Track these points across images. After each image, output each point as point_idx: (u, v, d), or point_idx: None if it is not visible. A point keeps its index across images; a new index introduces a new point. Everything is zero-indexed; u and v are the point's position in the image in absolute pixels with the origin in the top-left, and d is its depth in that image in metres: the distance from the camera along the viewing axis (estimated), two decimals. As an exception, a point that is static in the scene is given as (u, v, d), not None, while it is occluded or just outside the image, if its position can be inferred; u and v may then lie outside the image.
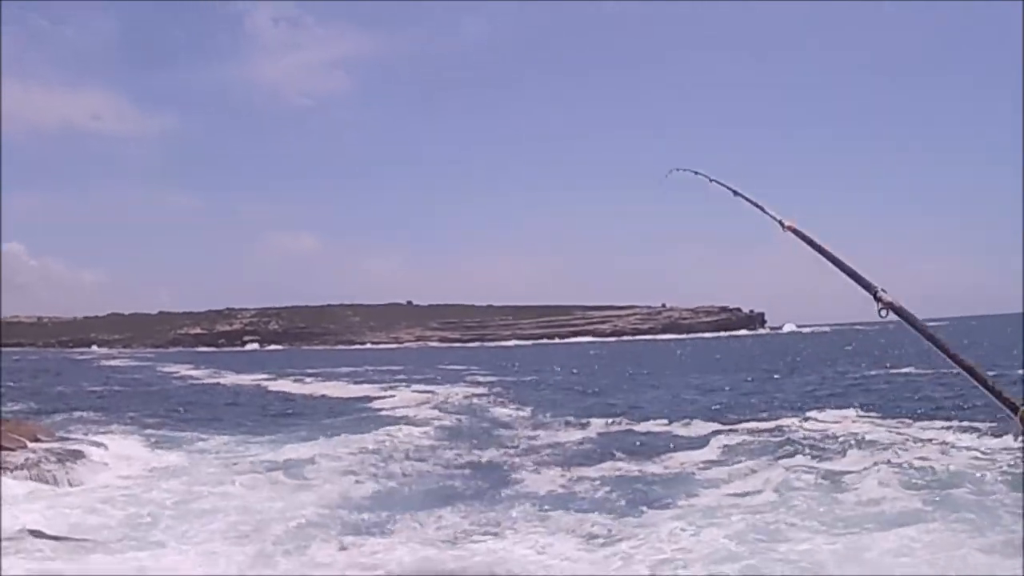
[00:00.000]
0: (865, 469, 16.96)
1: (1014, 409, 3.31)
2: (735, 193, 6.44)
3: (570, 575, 11.55)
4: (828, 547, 11.85)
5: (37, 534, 12.86)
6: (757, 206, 5.85)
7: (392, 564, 11.88)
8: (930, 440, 20.38)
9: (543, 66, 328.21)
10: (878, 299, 4.04)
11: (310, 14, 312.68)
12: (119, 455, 20.97)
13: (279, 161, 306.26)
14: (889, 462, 17.47)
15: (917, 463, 17.23)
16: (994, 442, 19.01)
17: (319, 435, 24.40)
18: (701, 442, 22.39)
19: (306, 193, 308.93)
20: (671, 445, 22.12)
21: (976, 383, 3.51)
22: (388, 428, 26.12)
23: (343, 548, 12.72)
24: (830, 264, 4.61)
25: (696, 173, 7.55)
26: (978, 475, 15.74)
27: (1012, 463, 16.57)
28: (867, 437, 21.01)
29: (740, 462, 18.91)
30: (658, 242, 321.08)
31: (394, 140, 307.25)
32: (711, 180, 7.10)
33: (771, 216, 5.43)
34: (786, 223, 5.19)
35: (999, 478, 15.35)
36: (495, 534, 13.48)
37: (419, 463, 20.34)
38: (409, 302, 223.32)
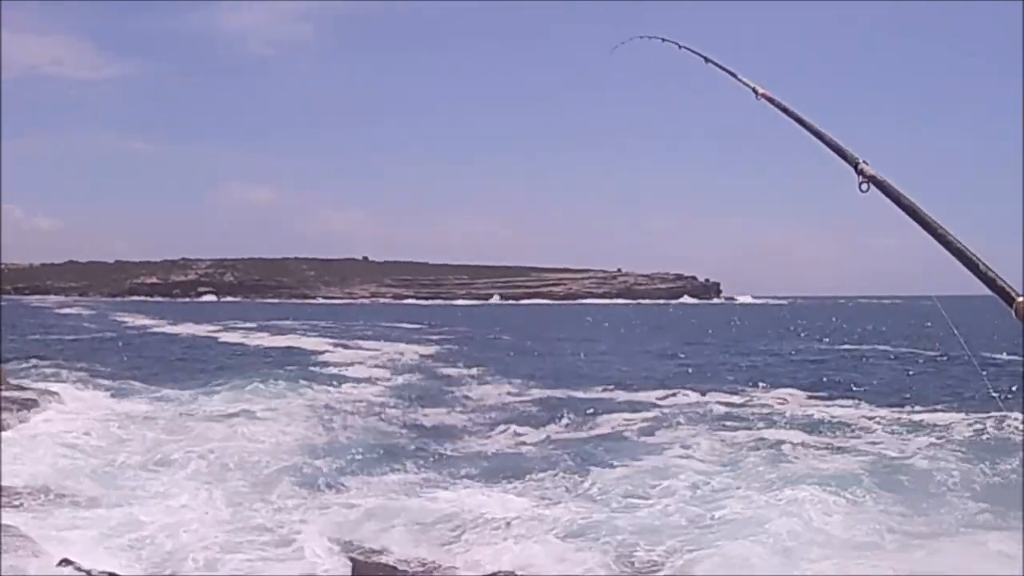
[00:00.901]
0: (806, 444, 17.11)
1: (1009, 300, 3.22)
2: (706, 60, 6.23)
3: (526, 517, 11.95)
4: (767, 507, 12.04)
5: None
6: (730, 73, 5.71)
7: (355, 512, 12.25)
8: (879, 417, 20.54)
9: (509, 26, 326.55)
10: (860, 172, 3.86)
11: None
12: (75, 404, 21.10)
13: (240, 111, 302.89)
14: (834, 436, 17.91)
15: (864, 438, 17.75)
16: (947, 418, 19.58)
17: (272, 387, 24.45)
18: (646, 407, 22.61)
19: (266, 144, 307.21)
20: (617, 409, 22.30)
21: (968, 268, 3.36)
22: (340, 383, 26.59)
23: (306, 495, 13.17)
24: (808, 133, 4.45)
25: (664, 40, 7.39)
26: (927, 456, 15.88)
27: (964, 445, 16.76)
28: (812, 413, 21.32)
29: (683, 428, 19.05)
30: (618, 207, 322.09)
31: (356, 94, 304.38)
32: (680, 47, 6.85)
33: (744, 83, 5.36)
34: (759, 90, 5.13)
35: (948, 456, 15.53)
36: (446, 488, 13.78)
37: (371, 418, 20.64)
38: (365, 258, 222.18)
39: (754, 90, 5.16)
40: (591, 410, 22.07)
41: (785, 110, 4.79)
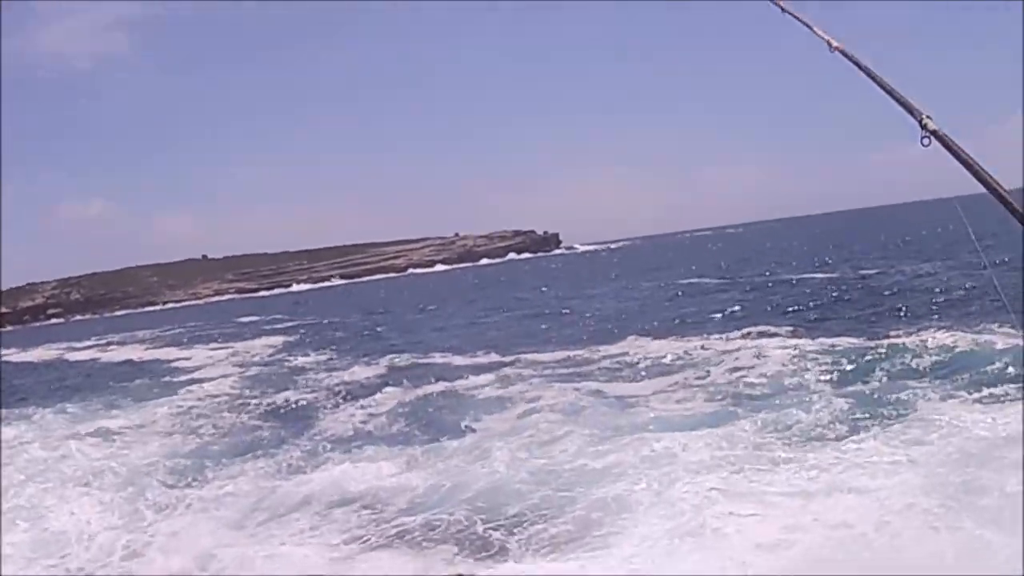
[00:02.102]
0: (655, 386, 17.55)
1: None
2: (783, 10, 6.02)
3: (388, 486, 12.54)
4: (609, 455, 12.24)
5: None
6: (805, 24, 5.68)
7: (230, 499, 12.99)
8: (734, 350, 20.45)
9: (318, 15, 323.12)
10: (923, 126, 4.00)
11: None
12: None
13: (64, 128, 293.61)
14: (686, 378, 17.96)
15: (722, 373, 17.87)
16: (804, 343, 19.70)
17: (127, 401, 24.73)
18: (490, 368, 22.77)
19: (94, 159, 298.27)
20: (461, 374, 22.51)
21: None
22: (194, 387, 26.58)
23: (179, 490, 13.88)
24: (877, 87, 4.63)
25: None
26: (785, 375, 16.45)
27: (810, 360, 17.37)
28: (661, 357, 21.06)
29: (525, 387, 19.18)
30: (450, 173, 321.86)
31: (174, 97, 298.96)
32: None
33: (819, 35, 5.37)
34: (834, 44, 5.19)
35: (814, 379, 15.91)
36: (308, 469, 14.31)
37: (228, 415, 20.96)
38: (204, 256, 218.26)
39: (828, 43, 5.23)
40: (435, 378, 22.40)
41: (858, 64, 4.94)
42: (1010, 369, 13.95)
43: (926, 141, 3.93)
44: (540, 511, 10.76)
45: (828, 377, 15.89)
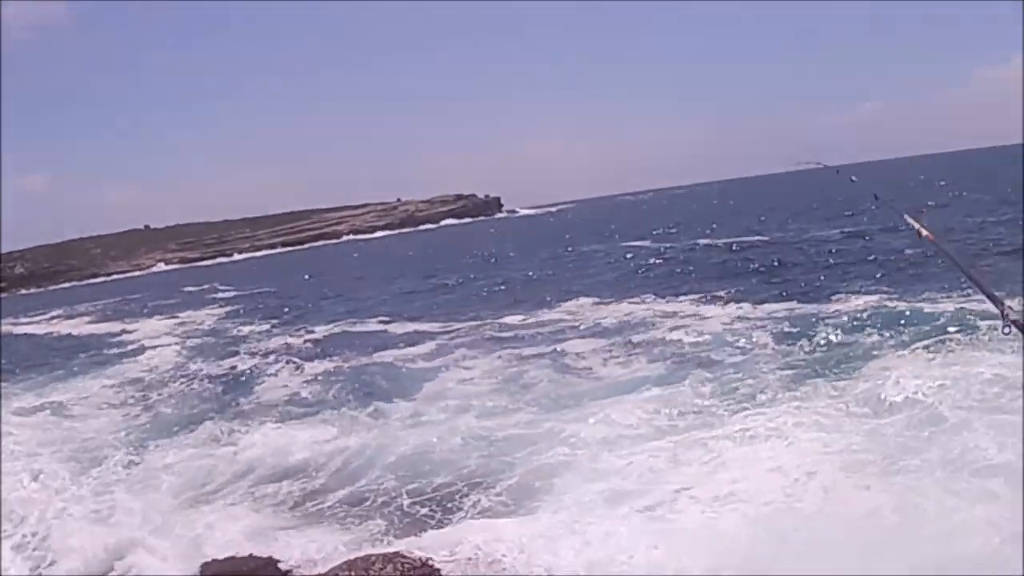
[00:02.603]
0: (595, 351, 17.63)
1: None
2: (876, 197, 7.16)
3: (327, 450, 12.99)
4: (547, 422, 12.44)
5: None
6: (898, 212, 6.02)
7: (170, 470, 13.38)
8: (676, 313, 20.89)
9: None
10: (1004, 316, 4.08)
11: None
12: None
13: (5, 102, 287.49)
14: (629, 342, 18.02)
15: (663, 338, 17.87)
16: (744, 307, 20.19)
17: (75, 375, 24.99)
18: (425, 336, 23.12)
19: (34, 131, 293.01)
20: (395, 342, 22.87)
21: None
22: (139, 358, 27.04)
23: (133, 461, 14.17)
24: (964, 275, 4.90)
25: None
26: (722, 338, 16.73)
27: (753, 322, 17.79)
28: (602, 320, 21.57)
29: (464, 353, 19.48)
30: (391, 138, 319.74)
31: (116, 66, 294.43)
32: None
33: (910, 223, 5.61)
34: (923, 233, 5.37)
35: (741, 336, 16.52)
36: (244, 439, 14.60)
37: (173, 385, 21.28)
38: (147, 227, 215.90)
39: (918, 232, 5.41)
40: (372, 346, 22.83)
41: (946, 253, 5.18)
42: (948, 330, 14.14)
43: (1007, 330, 4.03)
44: (472, 480, 10.95)
45: (768, 339, 16.15)
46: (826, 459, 9.43)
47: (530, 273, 38.73)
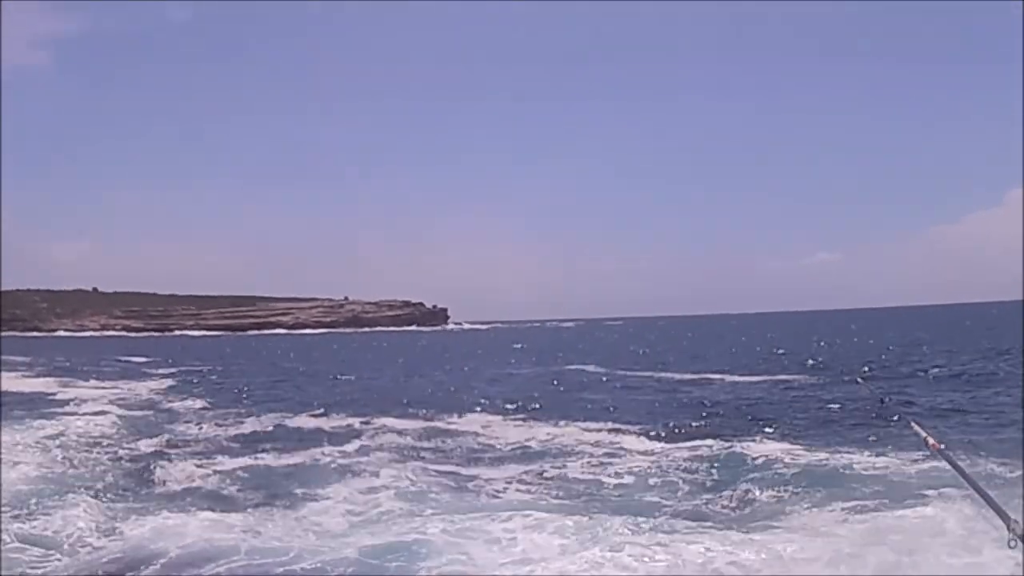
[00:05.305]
0: (510, 475, 17.48)
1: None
2: (882, 401, 7.83)
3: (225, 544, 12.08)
4: (448, 535, 12.07)
5: None
6: (906, 422, 6.23)
7: (71, 530, 12.81)
8: (594, 442, 21.12)
9: (240, 51, 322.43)
10: (1011, 530, 4.10)
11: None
12: None
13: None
14: (542, 466, 18.22)
15: (579, 465, 18.25)
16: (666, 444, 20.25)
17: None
18: (351, 435, 23.14)
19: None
20: (322, 439, 22.59)
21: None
22: (68, 420, 25.99)
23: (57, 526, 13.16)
24: (970, 487, 4.90)
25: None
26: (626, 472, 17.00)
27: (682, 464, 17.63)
28: (512, 438, 21.99)
29: (379, 458, 19.31)
30: (344, 235, 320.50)
31: (85, 123, 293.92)
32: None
33: (918, 431, 5.77)
34: (930, 442, 5.52)
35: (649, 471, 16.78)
36: (133, 522, 13.58)
37: (95, 452, 20.65)
38: (95, 289, 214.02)
39: (925, 440, 5.54)
40: (298, 439, 22.64)
41: (954, 465, 5.22)
42: (869, 487, 14.24)
43: (1013, 543, 4.05)
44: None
45: (687, 478, 16.21)
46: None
47: (471, 386, 38.81)
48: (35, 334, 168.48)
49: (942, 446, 5.56)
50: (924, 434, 5.61)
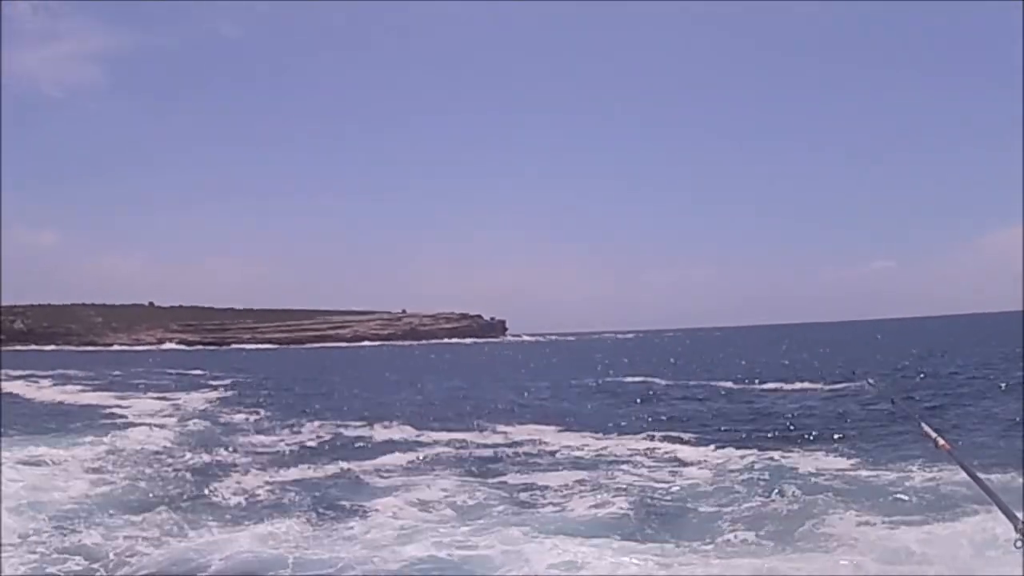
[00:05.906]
0: (565, 486, 17.12)
1: None
2: (893, 401, 7.33)
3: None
4: (499, 546, 11.85)
5: None
6: (915, 422, 6.02)
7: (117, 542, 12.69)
8: (646, 450, 21.14)
9: (293, 67, 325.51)
10: (1019, 531, 4.12)
11: (69, 4, 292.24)
12: None
13: (26, 153, 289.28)
14: (585, 479, 17.66)
15: (618, 477, 17.79)
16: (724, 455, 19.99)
17: (56, 441, 23.92)
18: (405, 446, 22.95)
19: (53, 188, 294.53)
20: (375, 450, 22.56)
21: None
22: (124, 433, 25.89)
23: (106, 537, 13.14)
24: (978, 487, 4.87)
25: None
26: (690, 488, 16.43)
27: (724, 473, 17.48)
28: (568, 452, 21.58)
29: (439, 470, 19.24)
30: (402, 247, 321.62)
31: (141, 137, 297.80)
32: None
33: (927, 433, 5.63)
34: (940, 442, 5.41)
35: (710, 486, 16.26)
36: (198, 535, 13.53)
37: (153, 466, 20.39)
38: (151, 303, 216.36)
39: (935, 441, 5.45)
40: (351, 450, 22.59)
41: (962, 465, 5.27)
42: (923, 496, 14.00)
43: (1019, 544, 4.06)
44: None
45: (741, 491, 15.67)
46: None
47: (524, 398, 38.87)
48: (90, 348, 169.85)
49: (950, 448, 5.44)
50: (934, 435, 5.53)
